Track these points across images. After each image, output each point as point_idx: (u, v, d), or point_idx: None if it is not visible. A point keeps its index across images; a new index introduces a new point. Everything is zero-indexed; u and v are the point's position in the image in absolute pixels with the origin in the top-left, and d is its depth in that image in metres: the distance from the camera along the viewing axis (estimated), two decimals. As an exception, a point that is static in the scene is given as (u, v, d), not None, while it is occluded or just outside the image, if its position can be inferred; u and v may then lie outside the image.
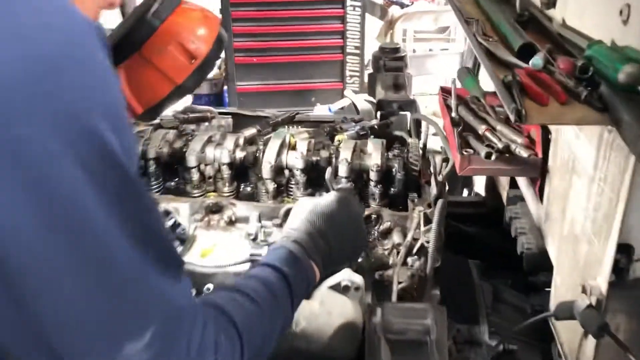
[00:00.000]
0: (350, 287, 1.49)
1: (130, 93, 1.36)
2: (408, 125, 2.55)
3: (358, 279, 1.50)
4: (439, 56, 6.53)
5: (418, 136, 2.27)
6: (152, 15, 1.34)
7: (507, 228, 2.12)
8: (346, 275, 1.50)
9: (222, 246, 1.77)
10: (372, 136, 2.24)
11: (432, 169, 1.84)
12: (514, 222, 1.99)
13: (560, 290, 1.56)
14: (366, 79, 6.10)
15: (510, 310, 2.10)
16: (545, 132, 1.67)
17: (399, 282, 1.59)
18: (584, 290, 1.27)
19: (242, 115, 2.72)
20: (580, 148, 1.40)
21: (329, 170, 1.47)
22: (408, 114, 2.63)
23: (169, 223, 1.72)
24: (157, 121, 2.19)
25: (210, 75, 5.63)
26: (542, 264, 1.78)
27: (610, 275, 1.22)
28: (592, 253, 1.31)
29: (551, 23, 1.60)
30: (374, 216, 1.84)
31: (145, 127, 2.14)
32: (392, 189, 1.98)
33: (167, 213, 1.74)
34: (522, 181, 1.95)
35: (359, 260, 1.57)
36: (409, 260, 1.68)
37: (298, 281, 1.20)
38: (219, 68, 6.10)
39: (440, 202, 1.64)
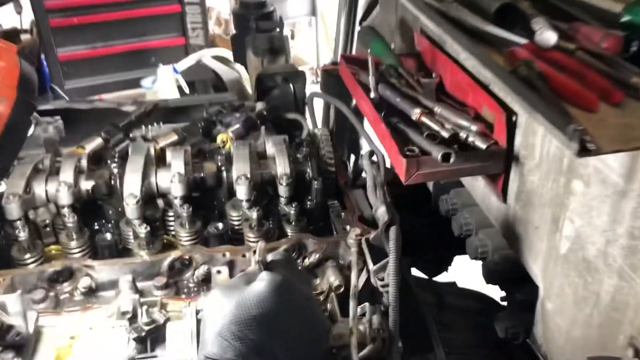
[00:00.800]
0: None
1: None
2: (294, 101, 2.05)
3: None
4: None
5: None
6: None
7: (436, 214, 1.78)
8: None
9: (85, 339, 1.19)
10: (263, 128, 1.71)
11: (370, 176, 1.36)
12: (458, 218, 1.62)
13: (556, 320, 1.22)
14: (211, 31, 5.43)
15: (457, 317, 1.77)
16: (509, 112, 1.26)
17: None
18: (637, 354, 0.91)
19: (74, 110, 2.03)
20: (588, 145, 1.02)
21: (259, 246, 0.95)
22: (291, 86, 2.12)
23: (-8, 331, 1.08)
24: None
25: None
26: (510, 277, 1.44)
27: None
28: (630, 293, 0.96)
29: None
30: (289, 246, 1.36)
31: None
32: (308, 203, 1.49)
33: (-14, 316, 1.10)
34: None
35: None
36: (358, 308, 1.23)
37: None
38: (30, 33, 5.04)
39: (394, 230, 1.19)
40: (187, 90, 4.56)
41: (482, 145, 1.28)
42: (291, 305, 0.94)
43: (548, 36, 0.86)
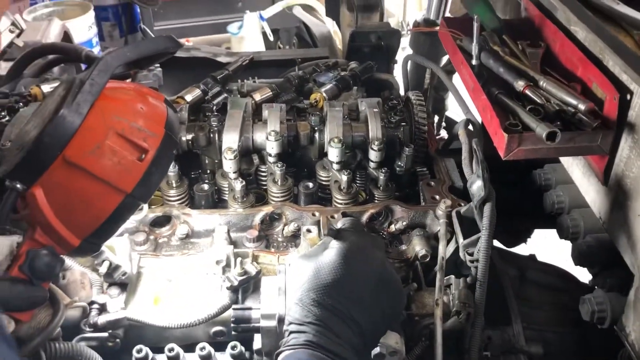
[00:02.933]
0: (385, 354, 1.04)
1: (58, 219, 0.90)
2: (389, 62, 2.03)
3: (393, 341, 1.05)
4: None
5: (414, 84, 1.76)
6: (67, 110, 0.89)
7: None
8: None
9: (180, 283, 1.26)
10: (355, 88, 1.70)
11: (464, 150, 1.34)
12: (551, 194, 1.58)
13: (650, 311, 1.18)
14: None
15: (538, 292, 1.74)
16: (623, 91, 1.19)
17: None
18: None
19: (172, 58, 2.08)
20: None
21: (322, 221, 1.05)
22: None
23: (103, 269, 1.17)
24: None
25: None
26: (601, 261, 1.40)
27: None
28: None
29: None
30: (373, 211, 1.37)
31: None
32: (397, 169, 1.49)
33: (97, 255, 1.18)
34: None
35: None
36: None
37: None
38: (125, -28, 5.16)
39: (489, 207, 1.18)
40: (271, 37, 4.58)
41: (589, 125, 1.23)
42: (362, 271, 1.00)
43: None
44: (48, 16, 4.32)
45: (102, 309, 1.18)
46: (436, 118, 2.67)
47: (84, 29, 4.53)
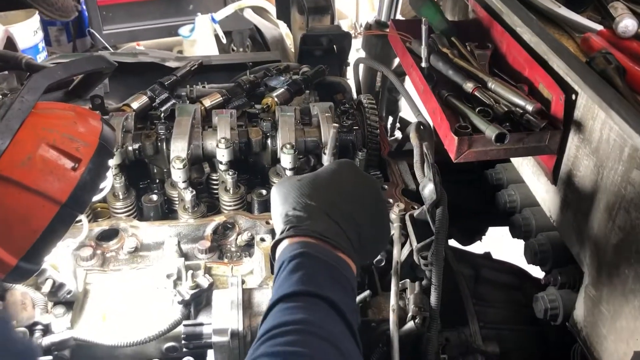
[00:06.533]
0: None
1: None
2: (341, 65, 2.02)
3: None
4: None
5: (366, 87, 1.75)
6: None
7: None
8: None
9: (130, 299, 1.22)
10: (307, 92, 1.68)
11: (417, 153, 1.34)
12: (503, 193, 1.60)
13: (600, 308, 1.20)
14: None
15: (493, 290, 1.76)
16: (568, 91, 1.21)
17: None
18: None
19: (118, 64, 2.02)
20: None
21: (332, 133, 1.09)
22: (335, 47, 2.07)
23: (46, 288, 1.12)
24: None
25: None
26: (552, 259, 1.42)
27: None
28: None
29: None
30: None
31: None
32: (351, 173, 1.48)
33: (40, 273, 1.13)
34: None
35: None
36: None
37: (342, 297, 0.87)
38: (70, -25, 5.00)
39: (441, 211, 1.18)
40: (224, 40, 4.51)
41: (537, 126, 1.24)
42: (362, 181, 1.01)
43: (628, 23, 0.81)
44: (-11, 21, 4.15)
45: (47, 329, 1.13)
46: (390, 119, 2.68)
47: (29, 34, 4.38)
